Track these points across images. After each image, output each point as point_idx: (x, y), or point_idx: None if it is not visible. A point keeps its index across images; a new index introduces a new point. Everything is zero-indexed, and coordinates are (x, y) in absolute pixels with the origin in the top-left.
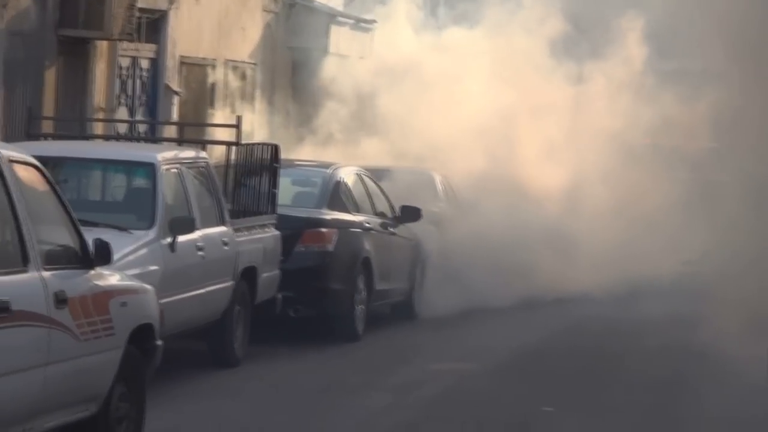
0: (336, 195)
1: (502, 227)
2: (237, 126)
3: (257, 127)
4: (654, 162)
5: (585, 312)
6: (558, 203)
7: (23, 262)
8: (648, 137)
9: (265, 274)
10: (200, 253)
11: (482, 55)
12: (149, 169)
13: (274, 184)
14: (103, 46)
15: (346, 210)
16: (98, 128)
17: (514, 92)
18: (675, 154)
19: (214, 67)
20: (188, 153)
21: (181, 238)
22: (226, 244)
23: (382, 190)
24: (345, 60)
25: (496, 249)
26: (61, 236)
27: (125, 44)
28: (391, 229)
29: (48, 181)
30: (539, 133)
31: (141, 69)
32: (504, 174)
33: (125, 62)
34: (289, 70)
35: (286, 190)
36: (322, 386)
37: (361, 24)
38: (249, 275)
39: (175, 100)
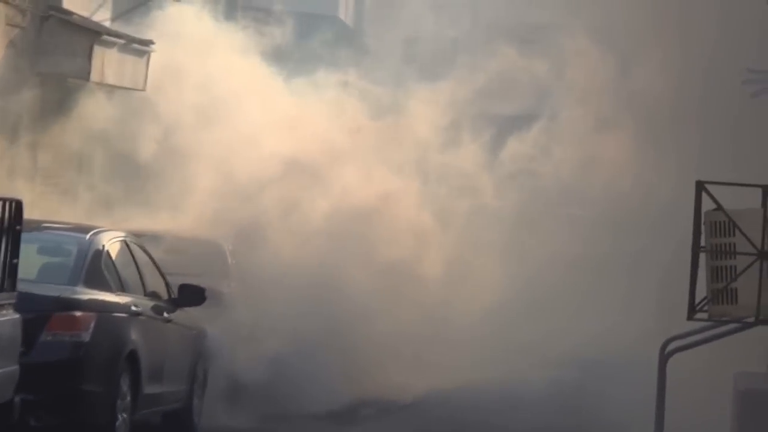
0: (95, 268)
1: (324, 312)
2: None
3: None
4: (546, 232)
5: (418, 427)
6: (413, 277)
7: None
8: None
9: None
10: None
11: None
12: None
13: (13, 251)
14: None
15: (108, 288)
16: None
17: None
18: (570, 222)
19: None
20: None
21: None
22: None
23: (155, 264)
24: (112, 91)
25: (309, 340)
26: None
27: None
28: (167, 315)
29: None
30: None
31: None
32: (323, 243)
33: None
34: (38, 102)
35: (29, 260)
36: None
37: (134, 45)
38: None
39: None
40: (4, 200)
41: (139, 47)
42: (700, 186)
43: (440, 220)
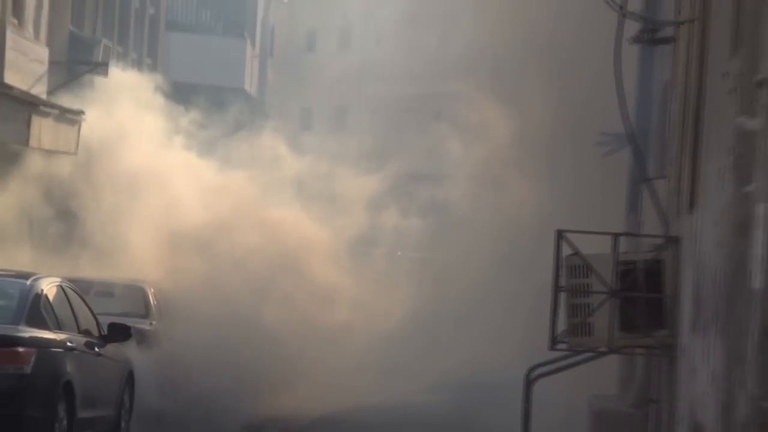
0: (35, 310)
1: (239, 342)
2: None
3: None
4: (432, 273)
5: None
6: (319, 311)
7: None
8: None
9: None
10: None
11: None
12: None
13: None
14: None
15: (46, 327)
16: None
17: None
18: (455, 266)
19: None
20: None
21: None
22: None
23: (87, 305)
24: (50, 156)
25: (225, 367)
26: None
27: None
28: (98, 349)
29: None
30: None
31: None
32: (228, 285)
33: None
34: None
35: None
36: None
37: (67, 115)
38: None
39: None
40: None
41: (72, 116)
42: (560, 234)
43: (344, 265)
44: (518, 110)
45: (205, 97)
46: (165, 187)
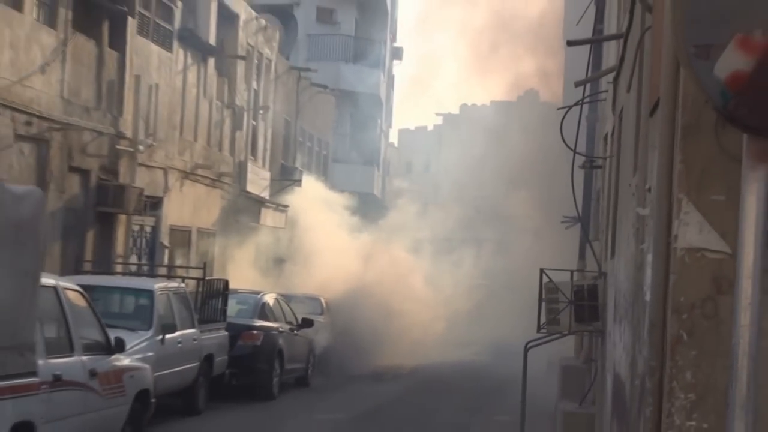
0: (262, 310)
1: (361, 329)
2: (203, 268)
3: (217, 267)
4: (483, 292)
5: (414, 382)
6: (416, 303)
7: (70, 350)
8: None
9: (218, 359)
10: (179, 345)
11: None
12: (149, 293)
13: (224, 303)
14: (122, 218)
15: (268, 320)
16: (118, 268)
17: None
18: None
19: (190, 232)
20: (173, 283)
21: (168, 336)
22: (195, 339)
23: (290, 307)
24: (270, 229)
25: (361, 337)
26: (94, 334)
27: (136, 217)
28: (295, 332)
29: (87, 300)
30: (389, 272)
31: (145, 232)
32: (365, 296)
33: (136, 228)
34: (237, 234)
35: (232, 307)
36: (253, 425)
37: (280, 207)
38: (209, 359)
39: (166, 251)
40: (220, 280)
41: (282, 208)
42: (541, 271)
43: (430, 279)
44: (524, 204)
45: (354, 198)
46: (333, 245)
